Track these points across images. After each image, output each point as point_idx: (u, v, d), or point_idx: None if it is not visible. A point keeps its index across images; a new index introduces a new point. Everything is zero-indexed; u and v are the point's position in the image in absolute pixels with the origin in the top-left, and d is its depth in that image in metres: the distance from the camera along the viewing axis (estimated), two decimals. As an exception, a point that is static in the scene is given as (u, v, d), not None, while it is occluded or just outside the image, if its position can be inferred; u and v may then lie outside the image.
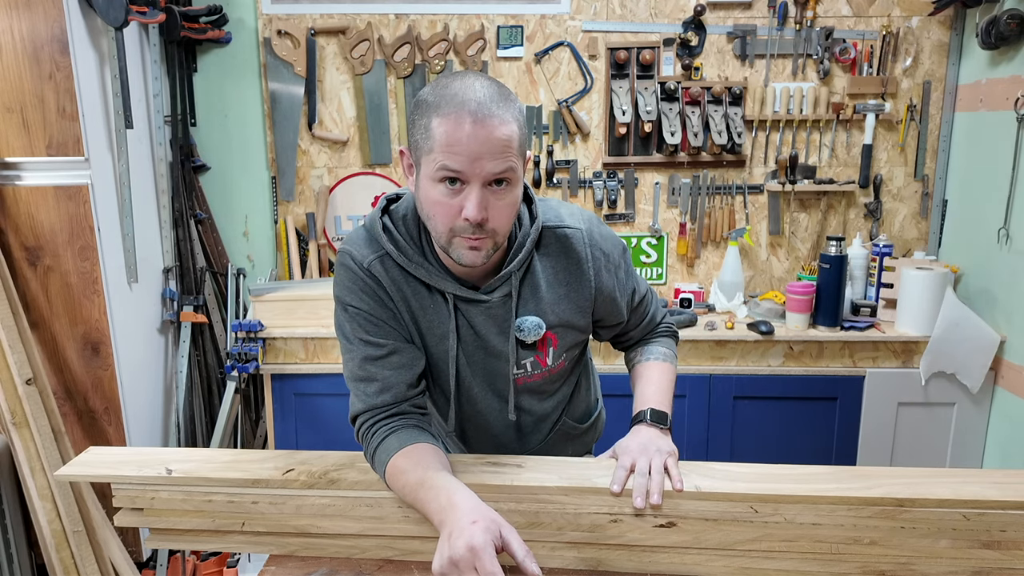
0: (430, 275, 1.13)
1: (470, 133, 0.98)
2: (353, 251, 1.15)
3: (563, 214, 1.20)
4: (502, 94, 1.02)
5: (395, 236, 1.14)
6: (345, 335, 1.16)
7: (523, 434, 1.31)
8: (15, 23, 1.97)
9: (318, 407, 2.47)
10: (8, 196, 2.07)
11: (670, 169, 2.75)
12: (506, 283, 1.14)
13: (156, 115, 2.52)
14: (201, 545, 1.16)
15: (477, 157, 0.98)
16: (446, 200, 1.02)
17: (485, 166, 0.99)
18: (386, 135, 2.72)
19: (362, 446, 1.16)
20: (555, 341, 1.20)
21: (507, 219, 1.05)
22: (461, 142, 0.98)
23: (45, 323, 2.14)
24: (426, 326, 1.17)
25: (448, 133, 0.99)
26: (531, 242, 1.14)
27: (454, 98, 1.00)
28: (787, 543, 1.05)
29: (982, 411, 2.44)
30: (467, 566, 0.87)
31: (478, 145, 0.98)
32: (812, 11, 2.60)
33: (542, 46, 2.66)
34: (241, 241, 2.82)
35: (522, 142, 1.04)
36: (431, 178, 1.02)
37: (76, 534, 1.99)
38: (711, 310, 2.63)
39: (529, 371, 1.22)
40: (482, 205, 1.01)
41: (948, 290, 2.37)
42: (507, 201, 1.04)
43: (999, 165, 2.34)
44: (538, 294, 1.17)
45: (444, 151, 0.99)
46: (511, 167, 1.01)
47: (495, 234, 1.05)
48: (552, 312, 1.18)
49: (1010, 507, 1.02)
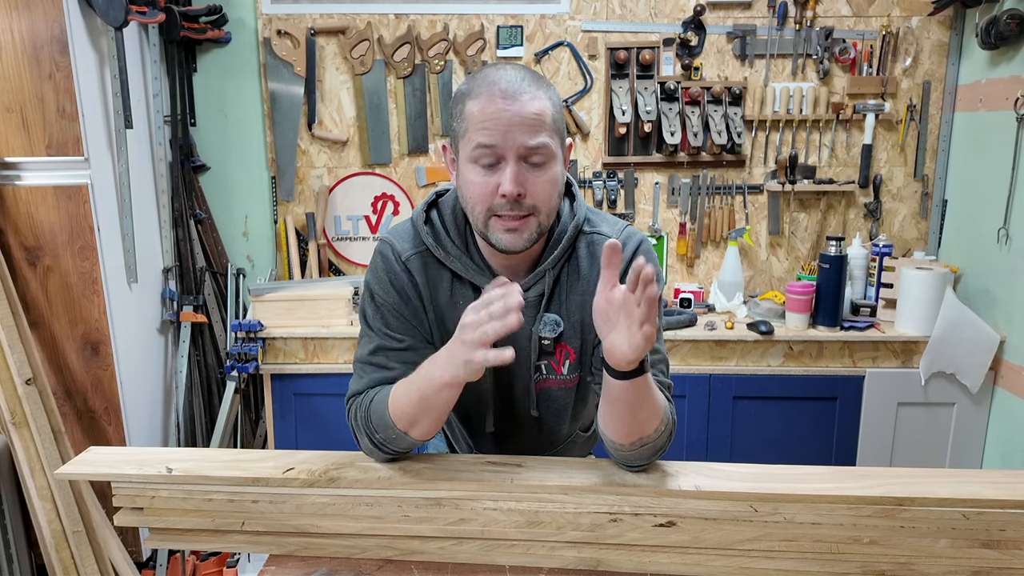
0: (467, 269, 1.14)
1: (501, 107, 1.01)
2: (395, 243, 1.17)
3: (603, 222, 1.20)
4: (534, 76, 1.06)
5: (437, 228, 1.16)
6: (367, 321, 1.18)
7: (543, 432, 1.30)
8: (15, 23, 1.97)
9: (318, 407, 2.47)
10: (8, 196, 2.07)
11: (670, 169, 2.75)
12: (540, 281, 1.15)
13: (156, 115, 2.52)
14: (201, 545, 1.16)
15: (509, 129, 1.01)
16: (483, 179, 1.04)
17: (517, 138, 1.01)
18: (386, 135, 2.72)
19: (354, 418, 1.15)
20: (572, 355, 1.20)
21: (547, 195, 1.06)
22: (493, 116, 1.01)
23: (45, 323, 2.14)
24: (452, 322, 1.17)
25: (481, 110, 1.02)
26: (568, 238, 1.15)
27: (485, 80, 1.04)
28: (787, 543, 1.05)
29: (982, 411, 2.44)
30: (464, 320, 0.98)
31: (509, 118, 1.01)
32: (812, 11, 2.60)
33: (542, 46, 2.66)
34: (241, 241, 2.82)
35: (556, 120, 1.06)
36: (468, 159, 1.05)
37: (76, 534, 1.99)
38: (711, 310, 2.63)
39: (544, 374, 1.21)
40: (518, 179, 1.02)
41: (948, 290, 2.37)
42: (545, 177, 1.05)
43: (999, 165, 2.34)
44: (563, 296, 1.17)
45: (478, 128, 1.02)
46: (545, 143, 1.03)
47: (536, 211, 1.05)
48: (572, 315, 1.18)
49: (1009, 506, 1.02)
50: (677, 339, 2.40)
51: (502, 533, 1.08)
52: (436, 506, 1.09)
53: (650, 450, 1.07)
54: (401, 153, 2.74)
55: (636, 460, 1.09)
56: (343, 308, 2.47)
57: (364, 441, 1.14)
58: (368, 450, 1.15)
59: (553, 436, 1.30)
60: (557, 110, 1.07)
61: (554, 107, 1.06)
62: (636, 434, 1.05)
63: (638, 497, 1.07)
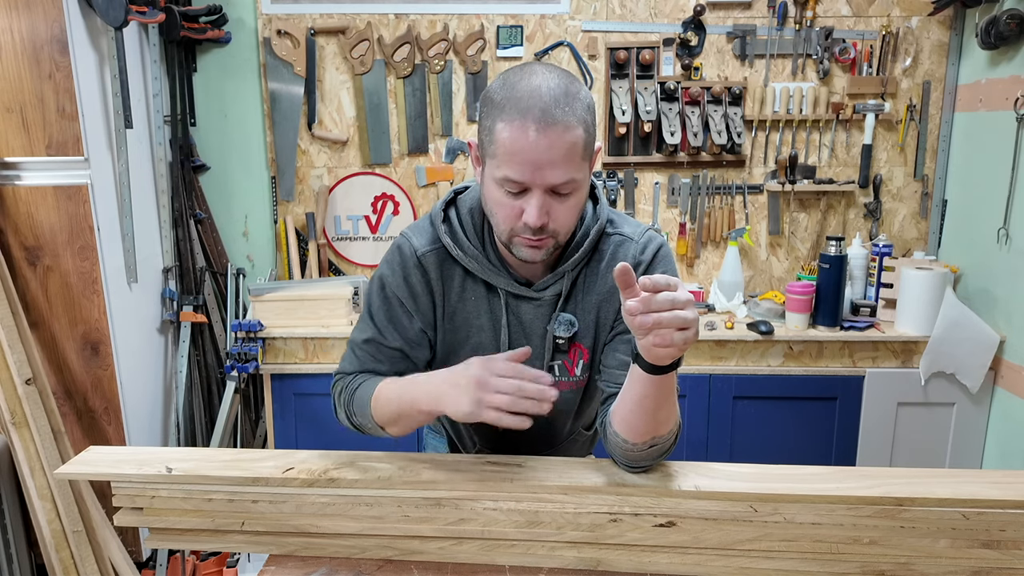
0: (483, 270, 1.14)
1: (534, 141, 0.96)
2: (413, 238, 1.18)
3: (625, 224, 1.20)
4: (570, 93, 0.99)
5: (454, 227, 1.16)
6: (370, 309, 1.20)
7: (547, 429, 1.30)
8: (15, 23, 1.97)
9: (318, 407, 2.47)
10: (8, 196, 2.07)
11: (670, 169, 2.75)
12: (559, 281, 1.15)
13: (156, 115, 2.52)
14: (201, 545, 1.16)
15: (539, 167, 0.98)
16: (508, 202, 1.03)
17: (547, 176, 0.99)
18: (386, 135, 2.72)
19: (338, 395, 1.21)
20: (586, 355, 1.20)
21: (569, 221, 1.06)
22: (524, 151, 0.97)
23: (45, 323, 2.14)
24: (463, 318, 1.19)
25: (512, 140, 0.98)
26: (589, 243, 1.15)
27: (519, 102, 0.98)
28: (787, 543, 1.05)
29: (982, 411, 2.44)
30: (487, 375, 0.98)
31: (540, 154, 0.97)
32: (812, 11, 2.60)
33: (542, 46, 2.66)
34: (241, 241, 2.82)
35: (588, 143, 1.02)
36: (494, 180, 1.03)
37: (76, 534, 1.99)
38: (711, 310, 2.63)
39: (557, 375, 1.21)
40: (543, 211, 1.01)
41: (948, 290, 2.37)
42: (569, 204, 1.04)
43: (999, 165, 2.34)
44: (579, 296, 1.18)
45: (507, 159, 0.99)
46: (573, 178, 1.00)
47: (556, 234, 1.06)
48: (588, 315, 1.18)
49: (1009, 506, 1.02)
50: (677, 339, 2.40)
51: (502, 533, 1.08)
52: (436, 506, 1.09)
53: (658, 451, 1.07)
54: (401, 153, 2.74)
55: (642, 461, 1.09)
56: (343, 308, 2.47)
57: (342, 416, 1.22)
58: (345, 424, 1.23)
59: (557, 433, 1.31)
60: (590, 129, 1.02)
61: (587, 131, 1.01)
62: (651, 433, 1.04)
63: (638, 497, 1.06)
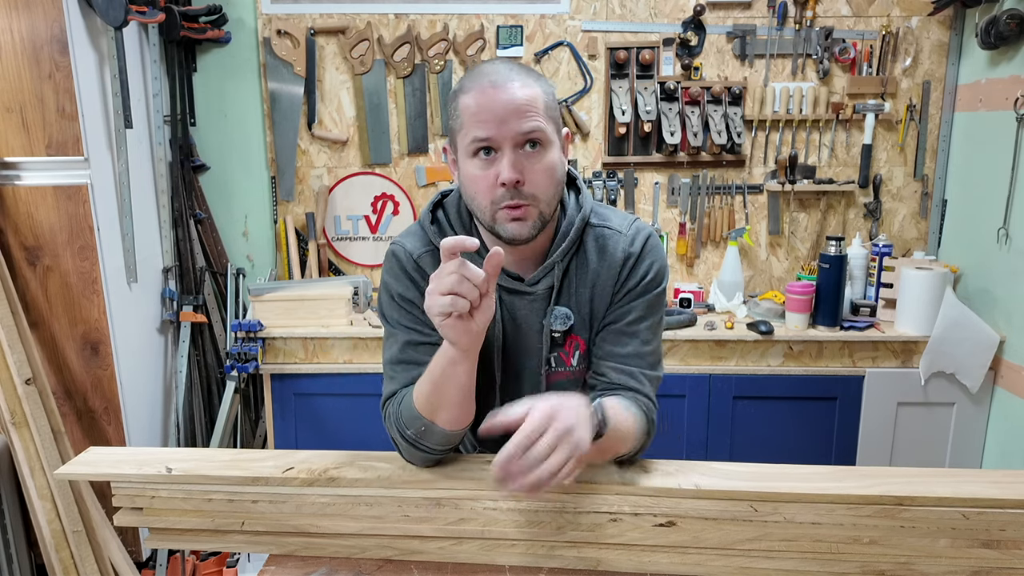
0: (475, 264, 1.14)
1: (492, 97, 1.04)
2: (406, 243, 1.19)
3: (612, 216, 1.21)
4: (525, 67, 1.09)
5: (443, 226, 1.19)
6: (389, 321, 1.19)
7: None
8: (15, 23, 1.97)
9: (318, 407, 2.47)
10: (7, 196, 2.07)
11: (670, 169, 2.75)
12: (549, 275, 1.17)
13: (156, 115, 2.52)
14: (200, 545, 1.16)
15: (503, 120, 1.03)
16: (482, 172, 1.06)
17: (511, 126, 1.03)
18: (386, 135, 2.72)
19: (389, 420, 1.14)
20: (583, 345, 1.21)
21: (545, 183, 1.07)
22: (485, 108, 1.03)
23: (45, 323, 2.14)
24: None
25: (473, 103, 1.05)
26: (576, 231, 1.16)
27: (476, 75, 1.07)
28: (786, 542, 1.05)
29: (981, 411, 2.44)
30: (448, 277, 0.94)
31: (501, 107, 1.03)
32: (812, 11, 2.60)
33: (542, 46, 2.66)
34: (241, 241, 2.82)
35: (549, 107, 1.08)
36: (467, 154, 1.07)
37: (76, 534, 1.98)
38: (711, 310, 2.63)
39: (553, 367, 1.22)
40: (516, 167, 1.04)
41: (948, 290, 2.37)
42: (542, 164, 1.06)
43: (999, 165, 2.34)
44: (572, 288, 1.19)
45: (472, 122, 1.05)
46: (538, 127, 1.05)
47: (536, 200, 1.07)
48: (582, 307, 1.19)
49: (1009, 506, 1.02)
50: (677, 339, 2.40)
51: (502, 533, 1.08)
52: (436, 506, 1.09)
53: (627, 457, 1.13)
54: (401, 153, 2.74)
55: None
56: (343, 308, 2.47)
57: (400, 442, 1.12)
58: (407, 452, 1.12)
59: None
60: (550, 97, 1.09)
61: (546, 94, 1.08)
62: (612, 455, 1.10)
63: (638, 497, 1.06)
